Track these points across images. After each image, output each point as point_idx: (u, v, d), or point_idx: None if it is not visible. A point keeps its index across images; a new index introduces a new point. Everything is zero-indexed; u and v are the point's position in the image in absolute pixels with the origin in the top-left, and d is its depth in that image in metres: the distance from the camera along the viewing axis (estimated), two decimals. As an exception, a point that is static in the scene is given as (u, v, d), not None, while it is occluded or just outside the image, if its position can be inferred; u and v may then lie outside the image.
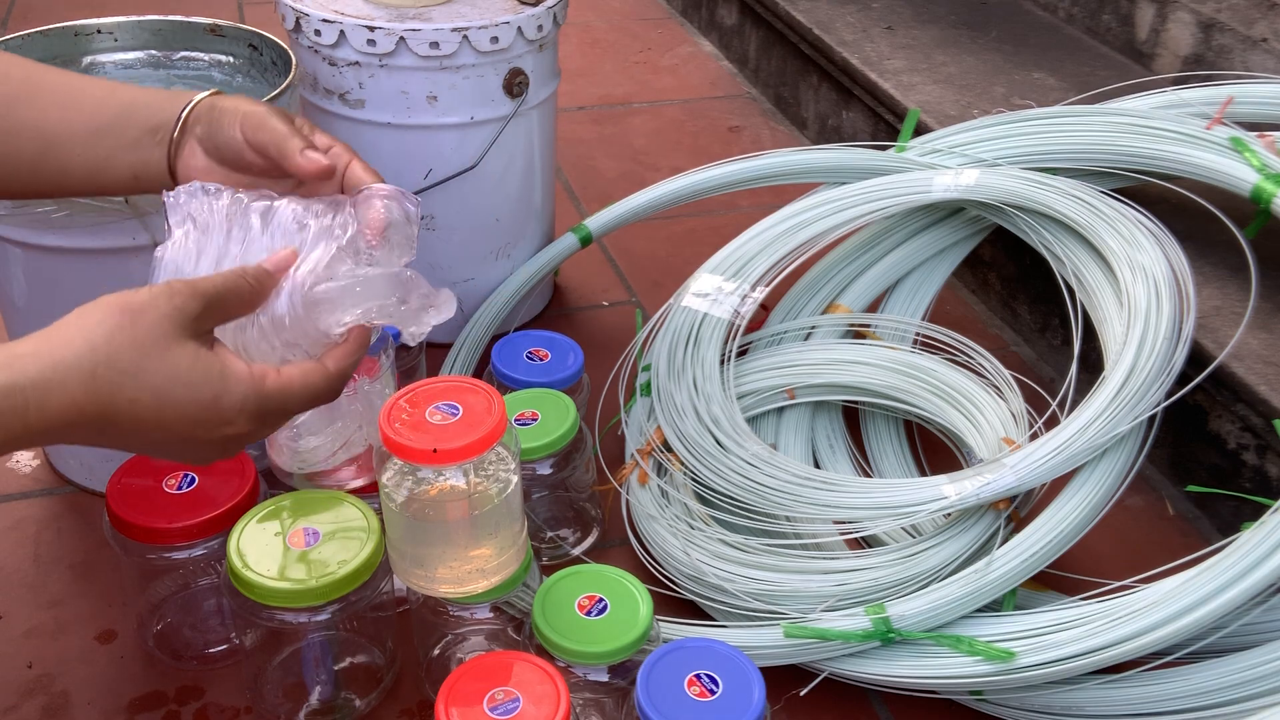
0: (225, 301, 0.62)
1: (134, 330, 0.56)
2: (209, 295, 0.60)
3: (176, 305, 0.58)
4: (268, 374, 0.62)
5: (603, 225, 1.22)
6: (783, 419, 1.06)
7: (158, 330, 0.57)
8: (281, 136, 0.68)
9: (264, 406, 0.61)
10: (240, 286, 0.63)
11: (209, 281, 0.61)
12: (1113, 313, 0.94)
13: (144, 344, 0.57)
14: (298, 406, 0.64)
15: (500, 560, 0.76)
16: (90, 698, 0.86)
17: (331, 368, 0.65)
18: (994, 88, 1.43)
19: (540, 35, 1.12)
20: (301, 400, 0.63)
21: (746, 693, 0.74)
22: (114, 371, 0.56)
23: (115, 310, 0.57)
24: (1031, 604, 0.86)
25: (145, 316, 0.57)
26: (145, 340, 0.57)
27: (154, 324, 0.57)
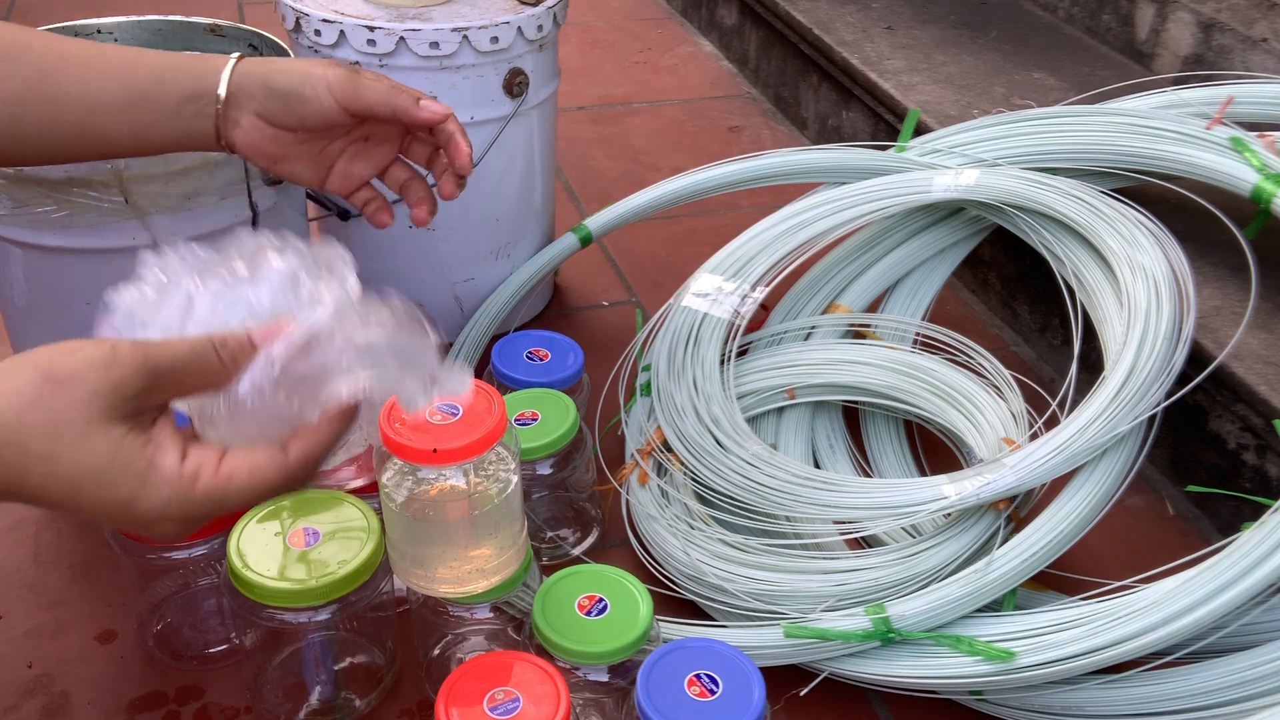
0: (182, 379, 0.52)
1: (52, 407, 0.49)
2: (159, 371, 0.51)
3: (111, 381, 0.49)
4: (201, 473, 0.52)
5: (603, 225, 1.22)
6: (783, 419, 1.06)
7: (79, 411, 0.49)
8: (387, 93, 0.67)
9: (192, 511, 0.52)
10: (206, 361, 0.52)
11: (167, 351, 0.51)
12: (1113, 313, 0.94)
13: (59, 426, 0.49)
14: (241, 502, 0.54)
15: (500, 560, 0.76)
16: (90, 698, 0.86)
17: (293, 458, 0.54)
18: (994, 88, 1.43)
19: (540, 35, 1.12)
20: (243, 498, 0.53)
21: (746, 693, 0.74)
22: (20, 455, 0.48)
23: (38, 379, 0.49)
24: (1031, 604, 0.86)
25: (69, 391, 0.49)
26: (62, 421, 0.49)
27: (77, 402, 0.49)
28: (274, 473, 0.54)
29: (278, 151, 0.70)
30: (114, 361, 0.50)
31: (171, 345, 0.52)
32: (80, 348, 0.50)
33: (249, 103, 0.69)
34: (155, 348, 0.51)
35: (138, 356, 0.50)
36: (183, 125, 0.69)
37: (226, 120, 0.69)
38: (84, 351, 0.50)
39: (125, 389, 0.50)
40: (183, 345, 0.52)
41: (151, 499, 0.51)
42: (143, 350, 0.51)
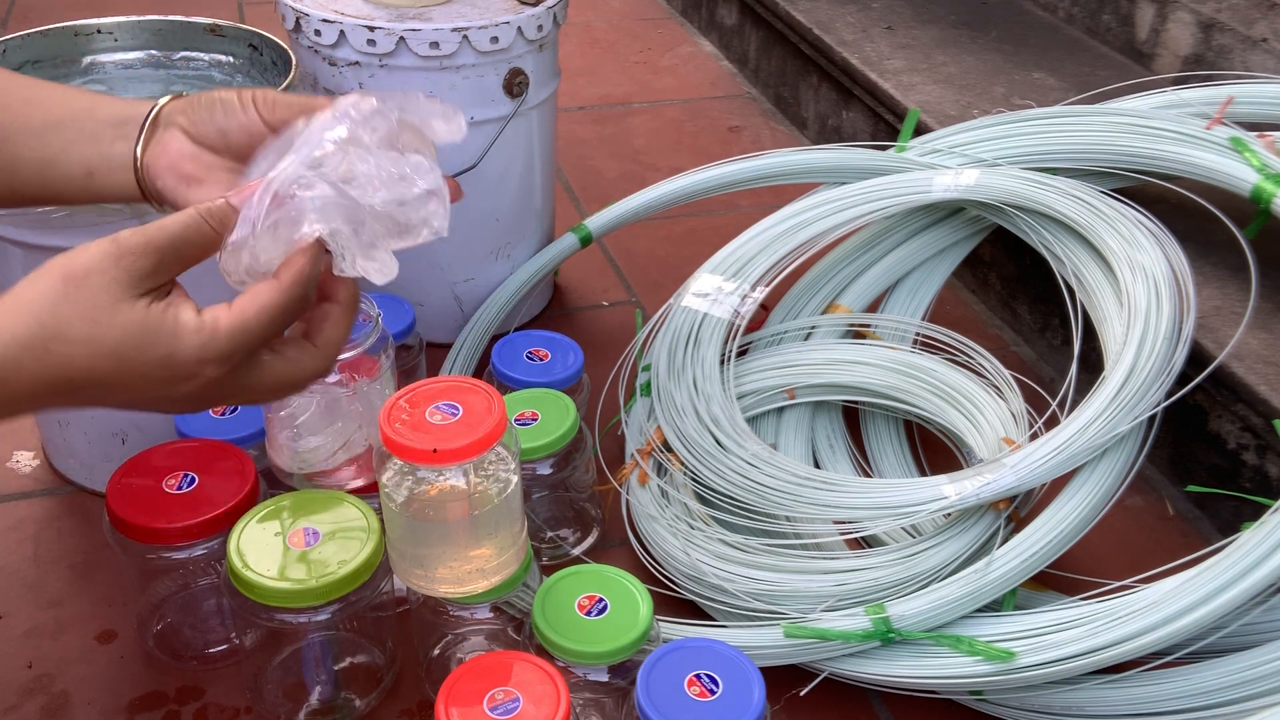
0: (181, 250, 0.58)
1: (79, 297, 0.55)
2: (162, 248, 0.57)
3: (124, 267, 0.56)
4: (219, 316, 0.58)
5: (603, 225, 1.22)
6: (783, 419, 1.06)
7: (104, 295, 0.55)
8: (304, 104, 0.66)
9: (225, 350, 0.58)
10: (199, 229, 0.58)
11: (162, 231, 0.57)
12: (1113, 313, 0.94)
13: (90, 311, 0.55)
14: (264, 334, 0.59)
15: (500, 560, 0.76)
16: (90, 698, 0.86)
17: (285, 279, 0.59)
18: (994, 88, 1.43)
19: (540, 35, 1.12)
20: (264, 326, 0.59)
21: (746, 693, 0.74)
22: (66, 344, 0.55)
23: (59, 279, 0.55)
24: (1031, 604, 0.86)
25: (90, 282, 0.55)
26: (91, 307, 0.55)
27: (100, 289, 0.55)
28: (276, 295, 0.59)
29: (195, 172, 0.67)
30: (121, 251, 0.56)
31: (167, 226, 0.58)
32: (86, 247, 0.56)
33: (176, 118, 0.67)
34: (153, 230, 0.57)
35: (140, 241, 0.56)
36: (97, 151, 0.67)
37: (149, 141, 0.67)
38: (91, 249, 0.56)
39: (137, 270, 0.56)
40: (176, 223, 0.58)
41: (186, 348, 0.57)
42: (143, 234, 0.57)
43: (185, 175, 0.67)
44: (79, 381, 0.56)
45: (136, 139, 0.67)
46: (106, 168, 0.67)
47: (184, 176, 0.67)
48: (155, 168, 0.67)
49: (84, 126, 0.67)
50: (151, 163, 0.67)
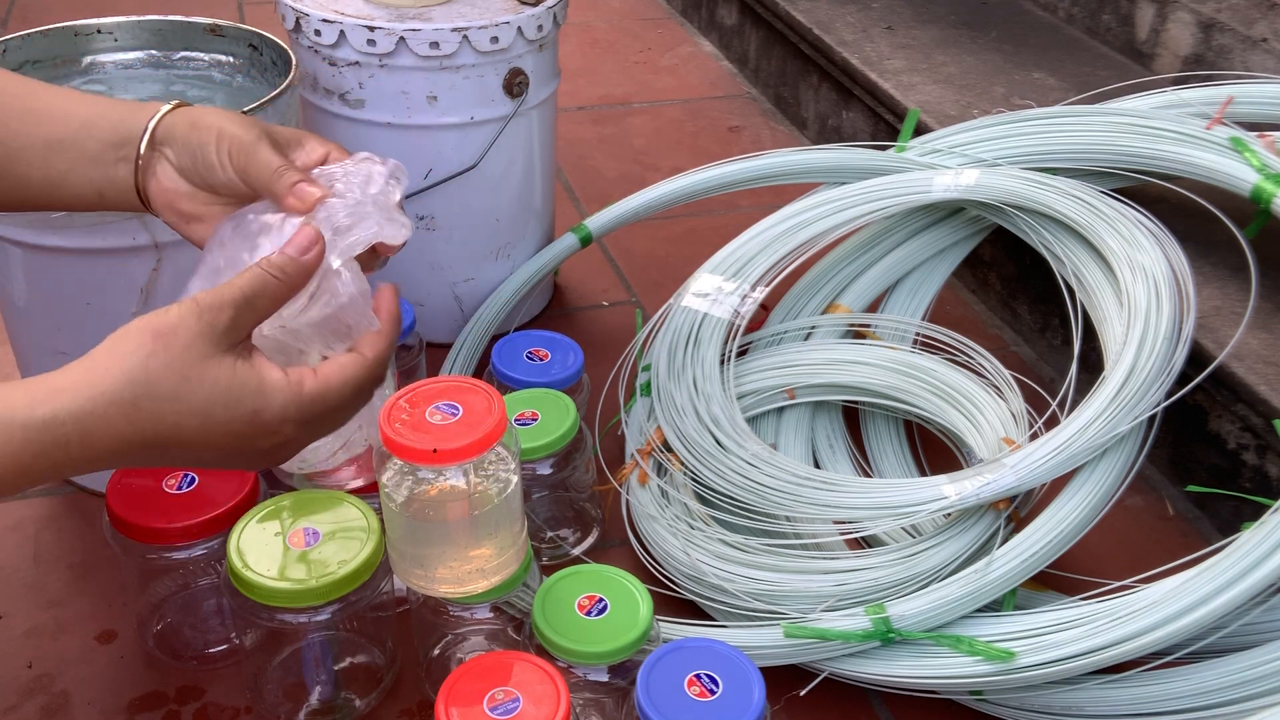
0: (254, 302, 0.60)
1: (168, 355, 0.56)
2: (236, 302, 0.59)
3: (207, 322, 0.57)
4: (305, 378, 0.61)
5: (603, 225, 1.22)
6: (783, 419, 1.06)
7: (192, 352, 0.57)
8: (270, 174, 0.64)
9: (307, 412, 0.61)
10: (264, 281, 0.60)
11: (232, 287, 0.59)
12: (1113, 313, 0.94)
13: (180, 368, 0.56)
14: (341, 402, 0.62)
15: (500, 560, 0.76)
16: (90, 698, 0.86)
17: (369, 354, 0.64)
18: (994, 88, 1.43)
19: (540, 35, 1.12)
20: (343, 395, 0.62)
21: (746, 693, 0.74)
22: (155, 400, 0.56)
23: (148, 336, 0.56)
24: (1031, 604, 0.86)
25: (178, 339, 0.57)
26: (181, 363, 0.56)
27: (187, 345, 0.57)
28: (359, 370, 0.63)
29: (192, 210, 0.67)
30: (201, 308, 0.58)
31: (235, 283, 0.59)
32: (167, 309, 0.58)
33: (165, 148, 0.66)
34: (225, 287, 0.59)
35: (215, 298, 0.58)
36: (103, 174, 0.67)
37: (146, 169, 0.66)
38: (173, 308, 0.58)
39: (219, 325, 0.58)
40: (239, 278, 0.60)
41: (272, 405, 0.59)
42: (216, 293, 0.58)
43: (183, 213, 0.67)
44: (165, 438, 0.57)
45: (134, 167, 0.66)
46: (115, 190, 0.67)
47: (182, 215, 0.67)
48: (156, 202, 0.67)
49: (85, 147, 0.66)
50: (153, 195, 0.67)
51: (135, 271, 0.90)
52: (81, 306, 0.91)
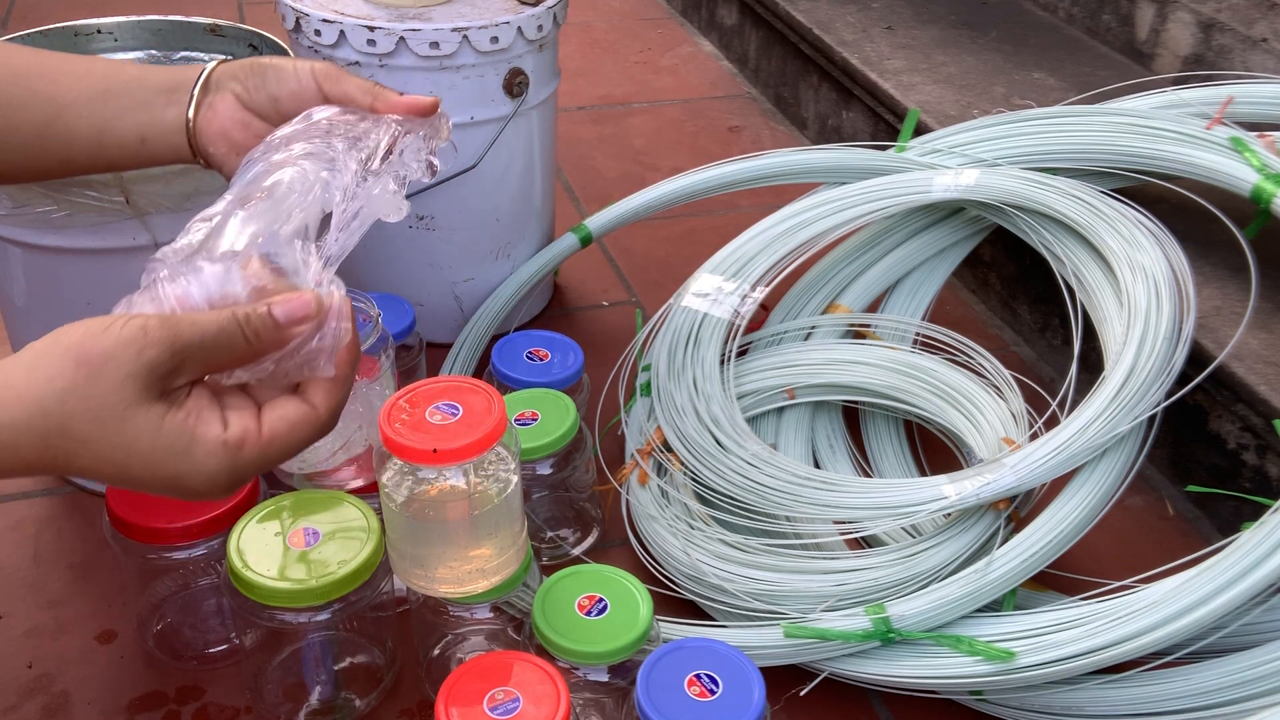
0: (210, 354, 0.53)
1: (89, 392, 0.50)
2: (189, 349, 0.52)
3: (145, 362, 0.50)
4: (246, 439, 0.54)
5: (603, 225, 1.22)
6: (783, 419, 1.06)
7: (116, 395, 0.50)
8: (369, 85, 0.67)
9: (239, 475, 0.54)
10: (233, 338, 0.53)
11: (194, 328, 0.52)
12: (1113, 313, 0.94)
13: (98, 411, 0.50)
14: (284, 456, 0.56)
15: (500, 560, 0.76)
16: (90, 698, 0.86)
17: (323, 410, 0.57)
18: (994, 88, 1.43)
19: (540, 35, 1.12)
20: (286, 451, 0.56)
21: (746, 693, 0.74)
22: (66, 440, 0.50)
23: (71, 363, 0.50)
24: (1031, 604, 0.86)
25: (105, 375, 0.50)
26: (100, 407, 0.50)
27: (114, 387, 0.50)
28: (309, 429, 0.56)
29: (243, 139, 0.67)
30: (145, 343, 0.50)
31: (200, 324, 0.52)
32: (110, 326, 0.50)
33: (229, 83, 0.68)
34: (184, 326, 0.52)
35: (167, 336, 0.51)
36: (150, 118, 0.67)
37: (199, 105, 0.67)
38: (114, 332, 0.50)
39: (158, 369, 0.51)
40: (211, 324, 0.53)
41: (199, 472, 0.53)
42: (172, 328, 0.51)
43: (235, 143, 0.68)
44: (75, 472, 0.52)
45: (188, 104, 0.67)
46: (158, 133, 0.68)
47: (233, 144, 0.68)
48: (206, 133, 0.68)
49: (135, 94, 0.68)
50: (203, 128, 0.68)
51: (135, 271, 0.89)
52: (81, 306, 0.91)
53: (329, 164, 0.63)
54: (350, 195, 0.62)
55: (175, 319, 0.52)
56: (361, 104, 0.67)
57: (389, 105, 0.68)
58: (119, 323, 0.51)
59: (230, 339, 0.53)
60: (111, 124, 0.67)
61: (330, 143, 0.64)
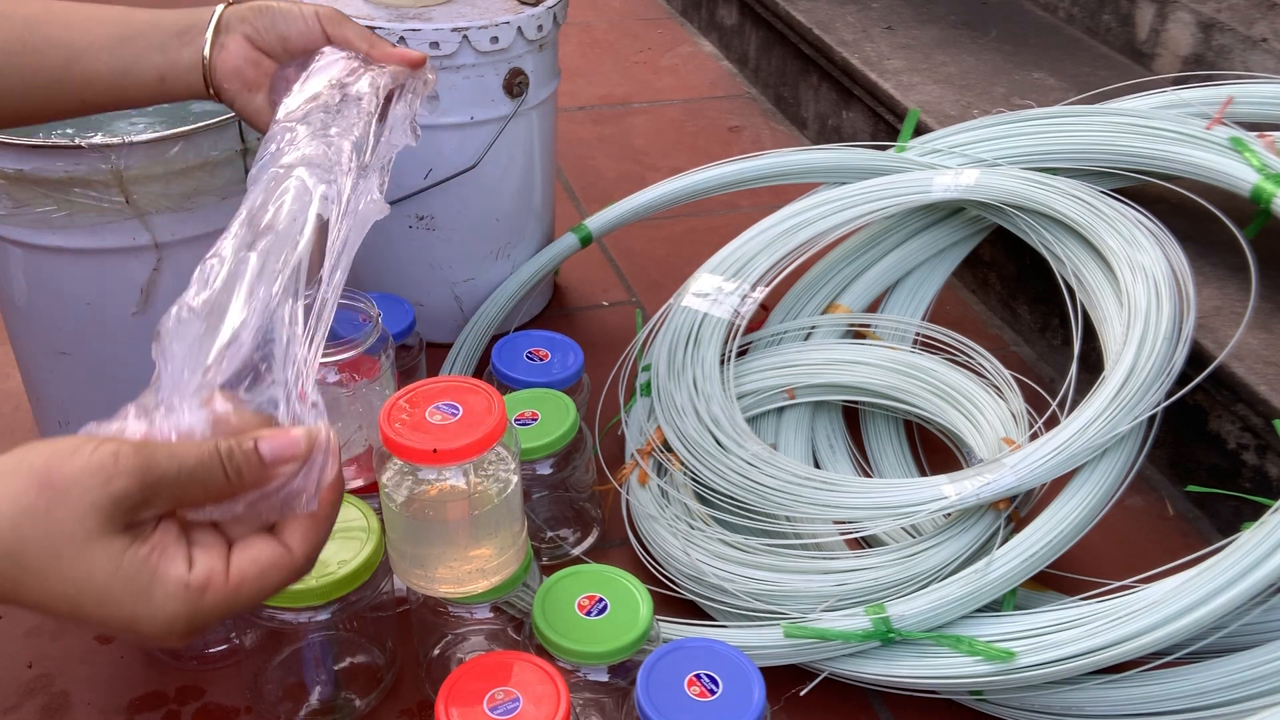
0: (184, 489, 0.48)
1: (48, 518, 0.45)
2: (162, 482, 0.47)
3: (111, 492, 0.46)
4: (211, 582, 0.49)
5: (603, 225, 1.22)
6: (783, 419, 1.06)
7: (77, 525, 0.46)
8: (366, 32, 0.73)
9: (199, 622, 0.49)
10: (212, 473, 0.49)
11: (172, 461, 0.48)
12: (1113, 313, 0.94)
13: (56, 539, 0.46)
14: (251, 603, 0.51)
15: (500, 560, 0.76)
16: (90, 698, 0.86)
17: (299, 554, 0.52)
18: (994, 88, 1.43)
19: (540, 35, 1.12)
20: (255, 597, 0.51)
21: (746, 693, 0.74)
22: (15, 568, 0.46)
23: (34, 486, 0.46)
24: (1031, 604, 0.86)
25: (67, 502, 0.46)
26: (59, 534, 0.46)
27: (75, 515, 0.46)
28: (282, 574, 0.51)
29: (255, 77, 0.73)
30: (115, 472, 0.46)
31: (178, 455, 0.48)
32: (79, 449, 0.47)
33: (238, 25, 0.72)
34: (160, 456, 0.48)
35: (140, 466, 0.47)
36: (166, 60, 0.72)
37: (213, 46, 0.72)
38: (83, 456, 0.46)
39: (125, 501, 0.47)
40: (190, 456, 0.48)
41: (157, 616, 0.48)
42: (146, 458, 0.47)
43: (246, 81, 0.73)
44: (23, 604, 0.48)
45: (203, 45, 0.72)
46: (176, 73, 0.72)
47: (246, 82, 0.73)
48: (221, 71, 0.72)
49: (151, 38, 0.72)
50: (219, 66, 0.72)
51: (135, 271, 0.90)
52: (81, 306, 0.91)
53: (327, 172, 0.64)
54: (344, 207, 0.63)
55: (151, 447, 0.48)
56: (359, 48, 0.73)
57: (384, 55, 0.74)
58: (89, 446, 0.47)
59: (209, 474, 0.49)
60: (130, 66, 0.72)
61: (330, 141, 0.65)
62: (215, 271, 0.57)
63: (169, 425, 0.50)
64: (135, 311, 0.91)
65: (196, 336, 0.55)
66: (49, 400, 1.00)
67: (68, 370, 0.95)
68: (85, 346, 0.94)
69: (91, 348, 0.94)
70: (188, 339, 0.55)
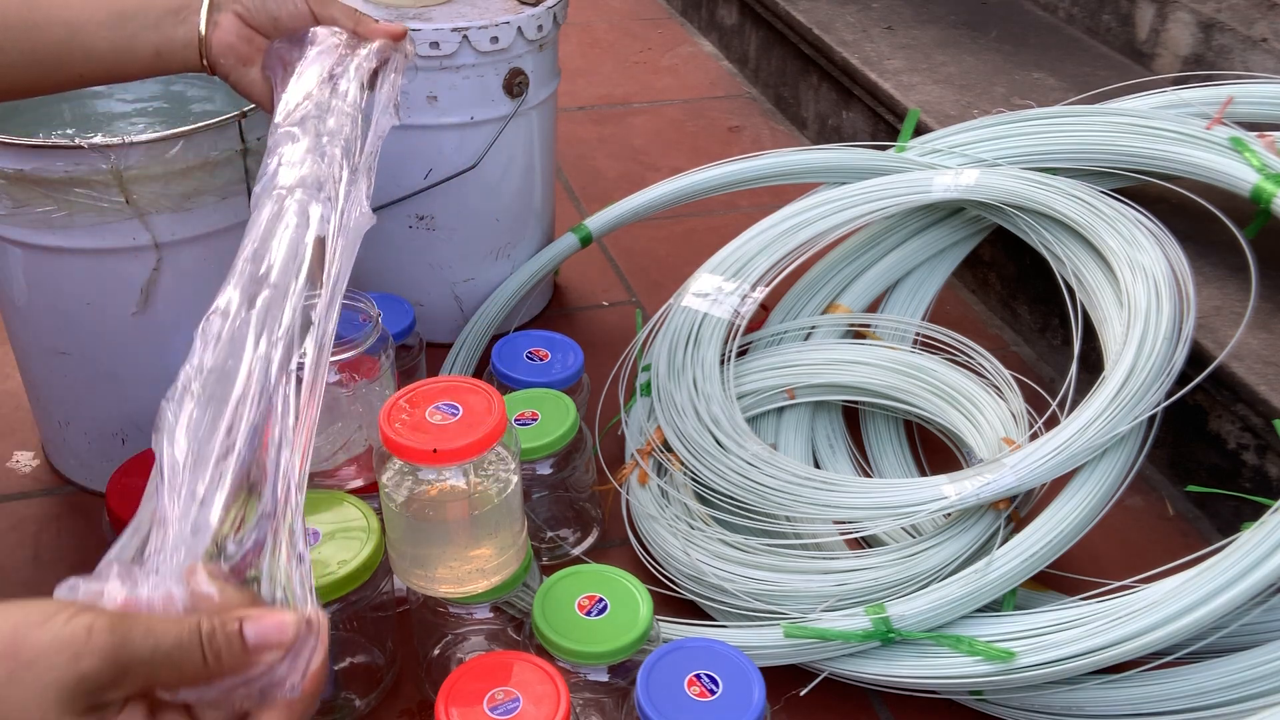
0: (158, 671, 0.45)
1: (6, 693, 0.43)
2: (135, 662, 0.44)
3: (78, 671, 0.43)
4: None
5: (603, 225, 1.22)
6: (783, 419, 1.06)
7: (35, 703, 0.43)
8: (351, 10, 0.77)
9: None
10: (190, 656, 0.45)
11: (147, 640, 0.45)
12: (1113, 313, 0.94)
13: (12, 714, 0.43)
14: None
15: (500, 560, 0.76)
16: (90, 698, 0.86)
17: None
18: (994, 88, 1.43)
19: (540, 35, 1.12)
20: None
21: (746, 693, 0.74)
22: None
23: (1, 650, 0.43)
24: (1031, 604, 0.86)
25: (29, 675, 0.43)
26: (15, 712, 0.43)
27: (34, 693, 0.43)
28: None
29: (248, 52, 0.76)
30: (85, 650, 0.44)
31: (155, 633, 0.45)
32: (52, 618, 0.44)
33: (230, 3, 0.76)
34: (135, 634, 0.45)
35: (112, 645, 0.44)
36: (161, 37, 0.75)
37: (208, 22, 0.75)
38: (54, 628, 0.44)
39: (91, 681, 0.44)
40: (167, 635, 0.45)
41: None
42: (121, 636, 0.45)
43: (241, 56, 0.76)
44: None
45: (199, 22, 0.75)
46: (171, 49, 0.75)
47: (240, 57, 0.76)
48: (216, 47, 0.76)
49: (147, 15, 0.75)
50: (215, 42, 0.75)
51: (135, 271, 0.90)
52: (81, 306, 0.91)
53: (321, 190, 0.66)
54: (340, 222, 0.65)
55: (128, 624, 0.45)
56: (345, 26, 0.77)
57: (369, 30, 0.78)
58: (63, 616, 0.44)
59: (185, 656, 0.46)
60: (129, 43, 0.75)
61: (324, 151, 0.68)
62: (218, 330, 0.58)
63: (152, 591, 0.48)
64: (135, 311, 0.91)
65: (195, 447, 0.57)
66: (49, 400, 1.01)
67: (68, 370, 0.95)
68: (85, 346, 0.94)
69: (91, 348, 0.94)
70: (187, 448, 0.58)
